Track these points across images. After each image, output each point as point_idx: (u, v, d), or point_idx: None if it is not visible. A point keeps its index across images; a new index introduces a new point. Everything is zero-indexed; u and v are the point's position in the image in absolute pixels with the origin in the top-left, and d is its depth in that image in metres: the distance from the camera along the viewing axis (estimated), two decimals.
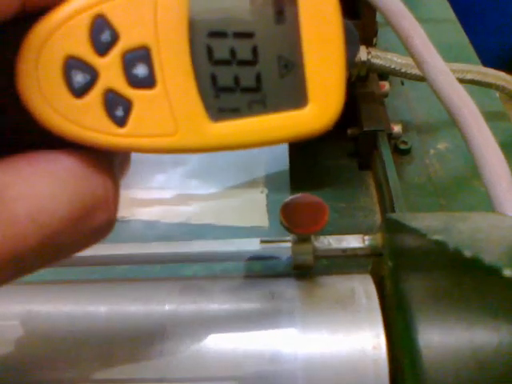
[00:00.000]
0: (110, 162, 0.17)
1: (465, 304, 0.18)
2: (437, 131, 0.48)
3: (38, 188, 0.14)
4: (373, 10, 0.43)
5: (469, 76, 0.46)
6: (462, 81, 0.44)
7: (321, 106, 0.16)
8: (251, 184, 0.45)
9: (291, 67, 0.16)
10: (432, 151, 0.46)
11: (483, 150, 0.29)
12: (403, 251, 0.25)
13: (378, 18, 0.44)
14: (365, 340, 0.24)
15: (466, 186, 0.43)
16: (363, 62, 0.45)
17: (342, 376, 0.24)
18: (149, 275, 0.36)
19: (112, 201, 0.16)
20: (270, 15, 0.16)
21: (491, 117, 0.32)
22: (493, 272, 0.14)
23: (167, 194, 0.44)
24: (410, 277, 0.24)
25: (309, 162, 0.45)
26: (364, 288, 0.26)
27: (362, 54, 0.45)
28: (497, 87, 0.46)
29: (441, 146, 0.47)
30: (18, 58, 0.15)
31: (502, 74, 0.46)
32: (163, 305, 0.26)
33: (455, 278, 0.19)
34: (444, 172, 0.44)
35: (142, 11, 0.15)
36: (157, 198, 0.44)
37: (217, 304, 0.27)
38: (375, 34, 0.47)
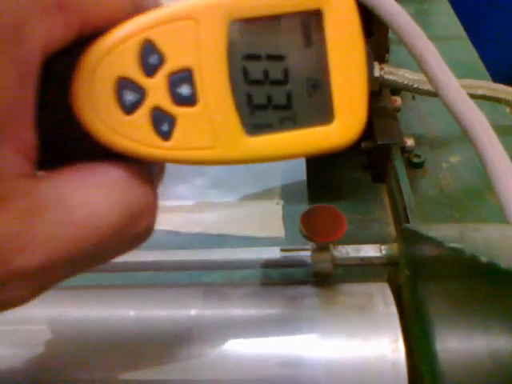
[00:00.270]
0: (149, 173, 0.18)
1: (481, 309, 0.19)
2: (449, 145, 0.49)
3: (93, 197, 0.16)
4: (385, 27, 0.44)
5: (480, 91, 0.47)
6: (473, 96, 0.45)
7: (345, 122, 0.18)
8: (267, 195, 0.46)
9: (318, 87, 0.18)
10: (444, 164, 0.47)
11: (495, 163, 0.30)
12: (420, 260, 0.26)
13: (390, 34, 0.46)
14: (384, 344, 0.25)
15: (478, 199, 0.44)
16: (376, 78, 0.46)
17: (363, 379, 0.25)
18: (169, 282, 0.38)
19: (153, 208, 0.18)
20: (300, 40, 0.17)
21: (501, 131, 0.33)
22: (509, 276, 0.15)
23: (187, 202, 0.46)
24: (427, 285, 0.25)
25: (324, 174, 0.47)
26: (382, 295, 0.27)
27: (375, 70, 0.47)
28: (507, 102, 0.48)
29: (453, 159, 0.48)
30: (74, 78, 0.16)
31: (511, 89, 0.47)
32: (189, 310, 0.27)
33: (471, 284, 0.20)
34: (456, 185, 0.45)
35: (186, 37, 0.16)
36: (178, 205, 0.45)
37: (240, 309, 0.28)
38: (387, 50, 0.49)
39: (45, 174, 0.16)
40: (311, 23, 0.17)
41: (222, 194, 0.47)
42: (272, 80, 0.17)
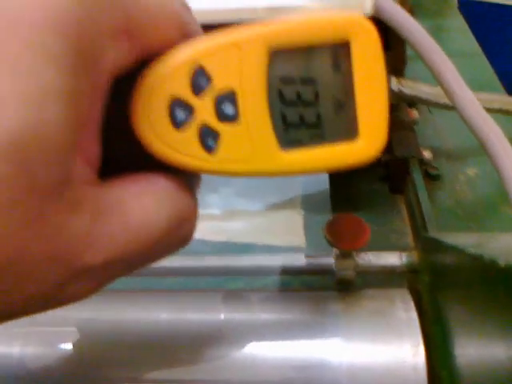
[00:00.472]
0: (191, 183, 0.20)
1: (499, 314, 0.20)
2: (466, 157, 0.50)
3: (145, 204, 0.17)
4: (403, 42, 0.45)
5: (495, 105, 0.48)
6: (489, 110, 0.46)
7: (369, 140, 0.20)
8: (289, 205, 0.47)
9: (345, 107, 0.20)
10: (461, 177, 0.48)
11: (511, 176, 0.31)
12: (440, 267, 0.27)
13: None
14: (405, 349, 0.26)
15: (494, 211, 0.44)
16: (394, 92, 0.48)
17: (384, 382, 0.26)
18: (194, 287, 0.39)
19: (194, 215, 0.20)
20: (329, 66, 0.19)
21: None
22: None
23: (215, 211, 0.48)
24: (447, 291, 0.26)
25: (343, 186, 0.48)
26: (402, 302, 0.28)
27: (393, 84, 0.48)
28: None
29: (470, 171, 0.49)
30: (134, 97, 0.18)
31: None
32: (217, 314, 0.29)
33: (490, 290, 0.21)
34: (473, 197, 0.46)
35: (231, 62, 0.19)
36: (206, 213, 0.47)
37: (265, 314, 0.29)
38: (405, 64, 0.50)
39: (106, 183, 0.17)
40: (340, 52, 0.19)
41: (247, 203, 0.48)
42: (304, 101, 0.19)
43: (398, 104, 0.51)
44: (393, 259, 0.30)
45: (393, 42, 0.47)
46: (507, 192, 0.30)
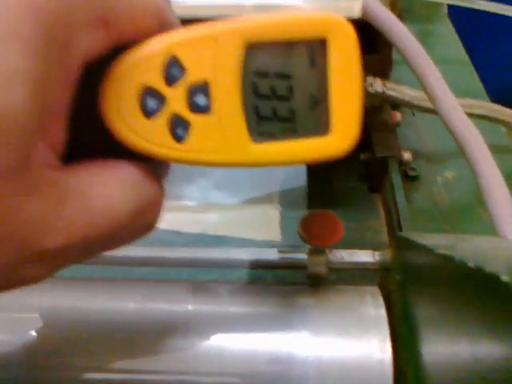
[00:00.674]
0: (159, 172, 0.20)
1: (467, 314, 0.20)
2: (444, 160, 0.51)
3: (110, 190, 0.17)
4: (389, 45, 0.45)
5: (477, 111, 0.48)
6: (471, 115, 0.46)
7: (341, 135, 0.20)
8: (266, 200, 0.47)
9: (319, 103, 0.20)
10: (439, 179, 0.49)
11: (488, 181, 0.31)
12: (411, 266, 0.27)
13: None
14: (372, 344, 0.26)
15: (470, 214, 0.45)
16: (378, 94, 0.48)
17: (350, 377, 0.26)
18: (166, 278, 0.38)
19: (159, 203, 0.20)
20: (305, 62, 0.19)
21: (497, 150, 0.34)
22: (492, 278, 0.16)
23: (190, 203, 0.47)
24: (417, 290, 0.26)
25: (322, 183, 0.48)
26: (372, 299, 0.29)
27: (378, 86, 0.48)
28: (503, 122, 0.49)
29: (448, 174, 0.49)
30: (104, 84, 0.18)
31: (508, 110, 0.49)
32: (185, 304, 0.29)
33: (459, 290, 0.21)
34: (450, 199, 0.46)
35: (206, 54, 0.19)
36: (180, 204, 0.47)
37: (234, 307, 0.29)
38: (391, 68, 0.50)
39: (70, 167, 0.17)
40: (317, 49, 0.19)
41: (223, 196, 0.48)
42: (278, 95, 0.19)
43: (382, 106, 0.51)
44: (365, 257, 0.31)
45: (380, 45, 0.48)
46: (483, 196, 0.31)
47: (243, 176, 0.49)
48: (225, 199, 0.48)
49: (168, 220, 0.44)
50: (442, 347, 0.23)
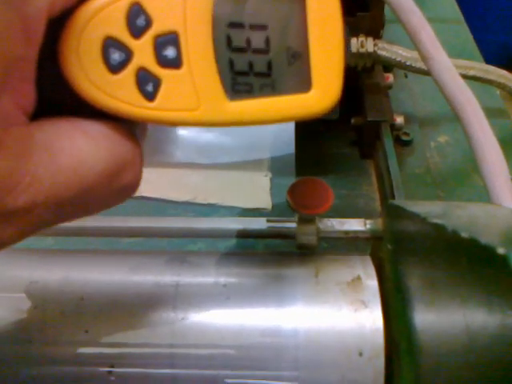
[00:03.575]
0: (134, 132, 0.19)
1: (459, 284, 0.19)
2: (438, 125, 0.50)
3: (79, 144, 0.16)
4: (381, 3, 0.44)
5: (471, 72, 0.47)
6: (464, 77, 0.45)
7: (322, 91, 0.19)
8: (256, 167, 0.46)
9: (298, 57, 0.18)
10: (433, 144, 0.48)
11: (483, 145, 0.30)
12: (403, 235, 0.26)
13: (386, 12, 0.45)
14: (363, 315, 0.26)
15: (464, 179, 0.44)
16: (369, 54, 0.46)
17: (342, 347, 0.25)
18: (154, 249, 0.38)
19: (137, 163, 0.18)
20: (282, 12, 0.18)
21: (491, 113, 0.33)
22: (488, 251, 0.16)
23: (173, 164, 0.46)
24: (409, 260, 0.25)
25: (313, 149, 0.47)
26: (364, 268, 0.28)
27: (369, 45, 0.46)
28: (498, 84, 0.48)
29: (441, 139, 0.48)
30: (63, 37, 0.17)
31: (503, 71, 0.48)
32: (174, 276, 0.28)
33: (452, 259, 0.20)
34: (443, 164, 0.46)
35: (174, 3, 0.17)
36: (162, 161, 0.45)
37: (223, 278, 0.28)
38: (382, 26, 0.49)
39: (36, 123, 0.16)
40: (295, 1, 0.18)
41: (210, 163, 0.47)
42: (254, 48, 0.18)
43: (374, 67, 0.49)
44: (356, 226, 0.30)
45: (371, 3, 0.46)
46: (477, 162, 0.30)
47: (232, 142, 0.48)
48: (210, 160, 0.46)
49: (154, 188, 0.43)
50: (434, 317, 0.22)
